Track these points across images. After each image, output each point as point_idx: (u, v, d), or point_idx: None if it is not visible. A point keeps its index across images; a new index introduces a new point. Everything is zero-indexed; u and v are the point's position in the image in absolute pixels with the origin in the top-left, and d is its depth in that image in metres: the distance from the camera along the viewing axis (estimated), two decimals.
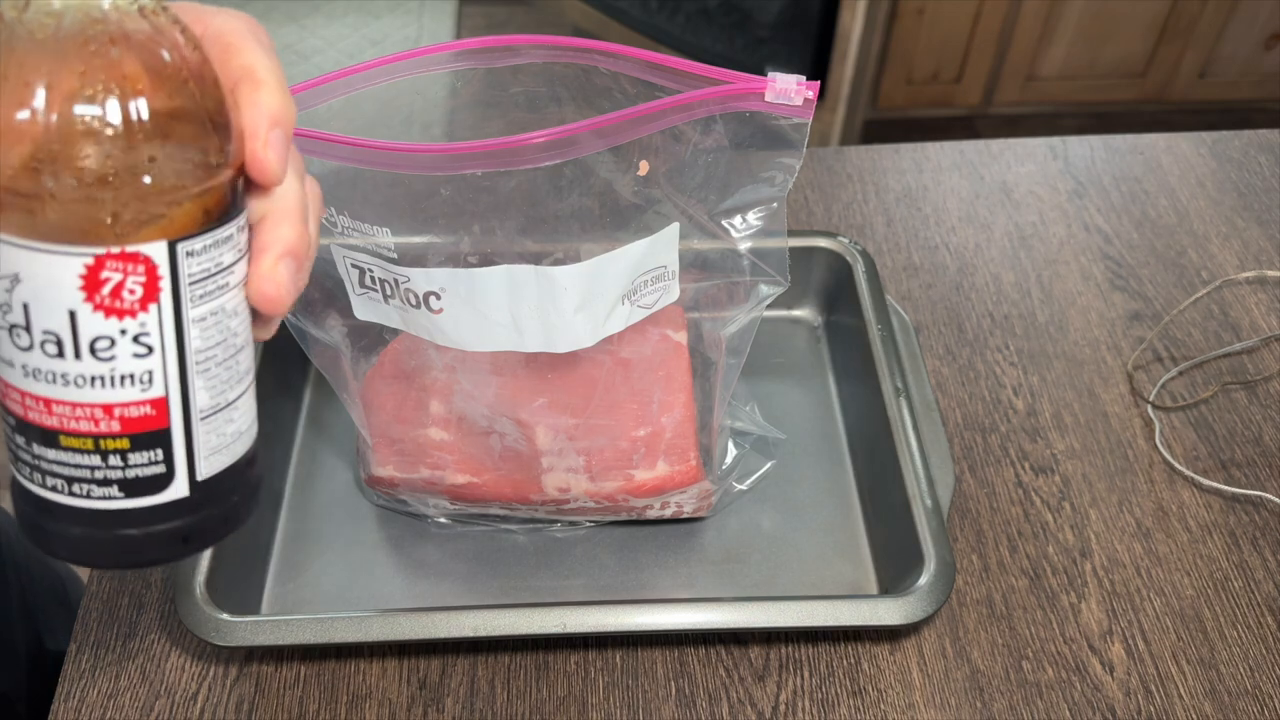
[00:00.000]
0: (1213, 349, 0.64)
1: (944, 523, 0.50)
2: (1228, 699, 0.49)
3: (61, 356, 0.25)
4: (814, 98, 0.40)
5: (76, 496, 0.26)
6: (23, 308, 0.24)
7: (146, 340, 0.25)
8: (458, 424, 0.51)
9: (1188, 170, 0.76)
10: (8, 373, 0.26)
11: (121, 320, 0.25)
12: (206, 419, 0.27)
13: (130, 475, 0.26)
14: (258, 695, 0.49)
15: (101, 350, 0.25)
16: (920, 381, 0.59)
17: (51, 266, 0.24)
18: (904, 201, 0.73)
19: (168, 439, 0.27)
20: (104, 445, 0.26)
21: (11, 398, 0.26)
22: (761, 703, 0.49)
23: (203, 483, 0.28)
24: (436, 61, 0.43)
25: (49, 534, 0.27)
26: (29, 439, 0.26)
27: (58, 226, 0.23)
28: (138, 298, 0.25)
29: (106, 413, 0.26)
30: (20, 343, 0.25)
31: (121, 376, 0.25)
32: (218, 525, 0.29)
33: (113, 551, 0.27)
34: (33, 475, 0.27)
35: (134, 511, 0.27)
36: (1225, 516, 0.56)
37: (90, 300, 0.24)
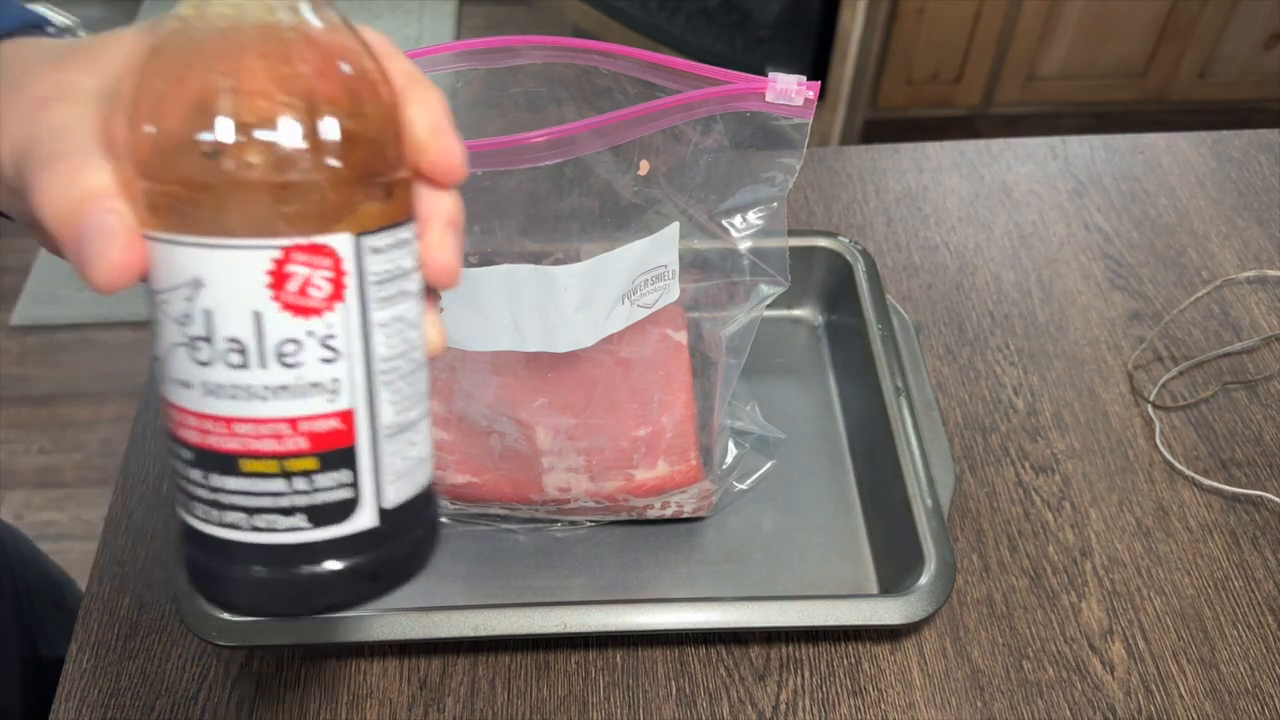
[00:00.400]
0: (1213, 348, 0.64)
1: (944, 522, 0.50)
2: (1228, 698, 0.49)
3: (246, 366, 0.23)
4: (814, 98, 0.40)
5: (259, 530, 0.24)
6: (204, 315, 0.23)
7: (333, 343, 0.24)
8: (458, 424, 0.51)
9: (1188, 170, 0.76)
10: (184, 397, 0.24)
11: (309, 319, 0.23)
12: (391, 437, 0.25)
13: (318, 500, 0.24)
14: (258, 695, 0.49)
15: (288, 355, 0.23)
16: (920, 381, 0.59)
17: (237, 263, 0.23)
18: (904, 201, 0.73)
19: (354, 458, 0.25)
20: (289, 467, 0.24)
21: (187, 425, 0.24)
22: (762, 702, 0.49)
23: (389, 512, 0.26)
24: (436, 62, 0.43)
25: (226, 580, 0.25)
26: (206, 470, 0.24)
27: (244, 219, 0.23)
28: (325, 294, 0.23)
29: (292, 428, 0.24)
30: (200, 357, 0.24)
31: (309, 384, 0.24)
32: (404, 562, 0.26)
33: (298, 593, 0.25)
34: (209, 513, 0.25)
35: (320, 544, 0.25)
36: (1225, 516, 0.56)
37: (278, 298, 0.23)
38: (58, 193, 0.23)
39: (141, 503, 0.56)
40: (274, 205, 0.23)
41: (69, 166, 0.23)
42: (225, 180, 0.22)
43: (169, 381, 0.25)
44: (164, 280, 0.23)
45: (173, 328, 0.24)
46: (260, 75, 0.23)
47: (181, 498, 0.26)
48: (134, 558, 0.54)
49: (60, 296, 1.57)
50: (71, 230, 0.23)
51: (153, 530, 0.55)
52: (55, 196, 0.23)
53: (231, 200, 0.22)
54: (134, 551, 0.54)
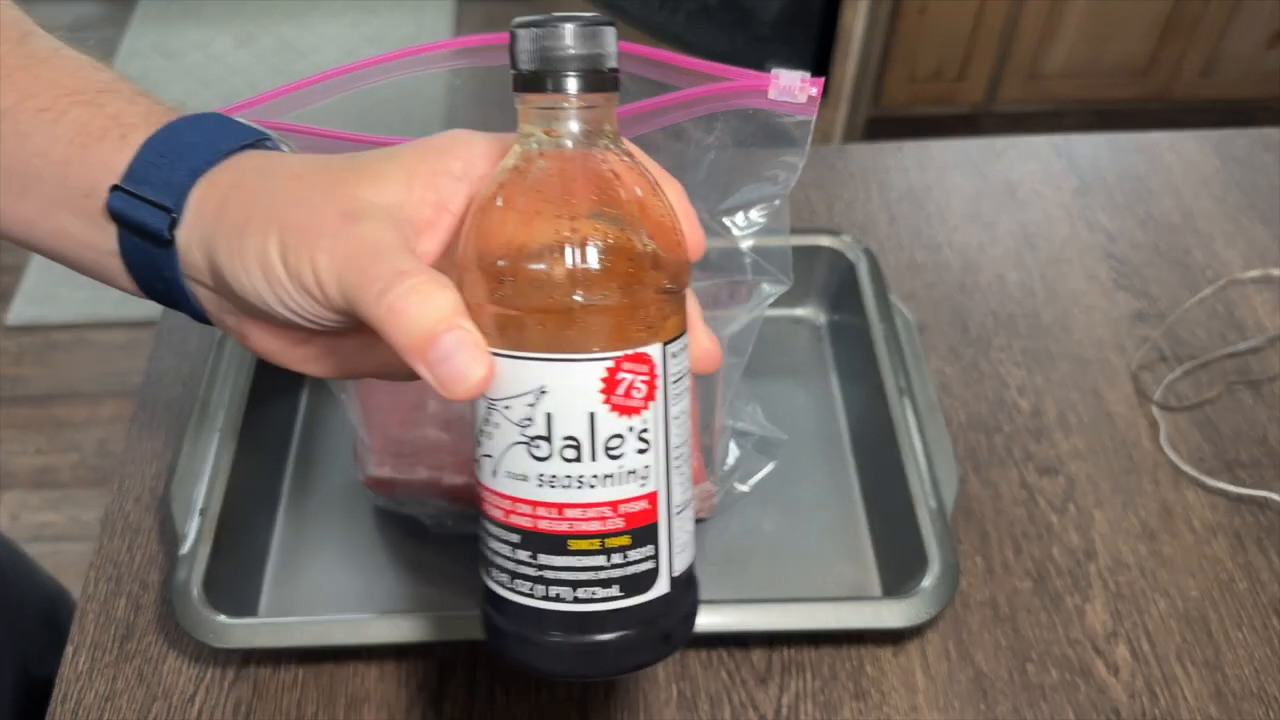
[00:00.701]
0: (1218, 349, 0.63)
1: (948, 524, 0.50)
2: (1233, 701, 0.48)
3: (579, 460, 0.27)
4: (818, 95, 0.39)
5: (580, 601, 0.28)
6: (545, 418, 0.27)
7: (646, 436, 0.28)
8: (456, 424, 0.51)
9: (1192, 169, 0.75)
10: (518, 488, 0.28)
11: (630, 418, 0.27)
12: (679, 514, 0.29)
13: (629, 572, 0.28)
14: (255, 698, 0.48)
15: (613, 448, 0.27)
16: (924, 382, 0.58)
17: (576, 374, 0.27)
18: (907, 200, 0.73)
19: (657, 534, 0.29)
20: (608, 544, 0.28)
21: (520, 511, 0.28)
22: (764, 706, 0.48)
23: (676, 579, 0.29)
24: (435, 60, 0.42)
25: (542, 646, 0.29)
26: (535, 550, 0.28)
27: (585, 337, 0.26)
28: (643, 396, 0.27)
29: (613, 510, 0.28)
30: (539, 453, 0.27)
31: (627, 473, 0.28)
32: (684, 623, 0.30)
33: (612, 656, 0.29)
34: (533, 589, 0.28)
35: (629, 610, 0.28)
36: (1231, 517, 0.55)
37: (608, 401, 0.27)
38: (418, 313, 0.26)
39: (138, 504, 0.56)
40: (612, 325, 0.27)
41: (421, 287, 0.26)
42: (573, 307, 0.26)
43: (501, 475, 0.28)
44: (506, 390, 0.27)
45: (512, 429, 0.27)
46: (595, 214, 0.26)
47: (498, 574, 0.29)
48: (130, 559, 0.53)
49: (56, 296, 1.57)
50: (431, 347, 0.26)
51: (149, 531, 0.54)
52: (415, 316, 0.26)
53: (578, 323, 0.26)
54: (130, 553, 0.53)
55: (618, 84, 0.28)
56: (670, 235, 0.28)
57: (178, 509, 0.51)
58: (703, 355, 0.31)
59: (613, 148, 0.28)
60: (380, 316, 0.26)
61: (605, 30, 0.27)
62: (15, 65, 0.30)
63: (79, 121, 0.30)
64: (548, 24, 0.26)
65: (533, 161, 0.27)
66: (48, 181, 0.30)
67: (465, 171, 0.30)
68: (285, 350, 0.32)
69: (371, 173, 0.29)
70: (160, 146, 0.30)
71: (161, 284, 0.31)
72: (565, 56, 0.26)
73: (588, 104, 0.27)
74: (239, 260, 0.28)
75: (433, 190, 0.29)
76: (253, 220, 0.28)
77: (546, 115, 0.27)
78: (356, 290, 0.27)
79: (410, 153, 0.30)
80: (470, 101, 0.44)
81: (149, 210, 0.29)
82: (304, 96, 0.41)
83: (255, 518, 0.54)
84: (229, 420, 0.53)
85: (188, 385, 0.61)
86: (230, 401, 0.54)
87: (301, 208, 0.28)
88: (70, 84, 0.31)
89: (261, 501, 0.55)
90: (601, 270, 0.26)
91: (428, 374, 0.26)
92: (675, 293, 0.28)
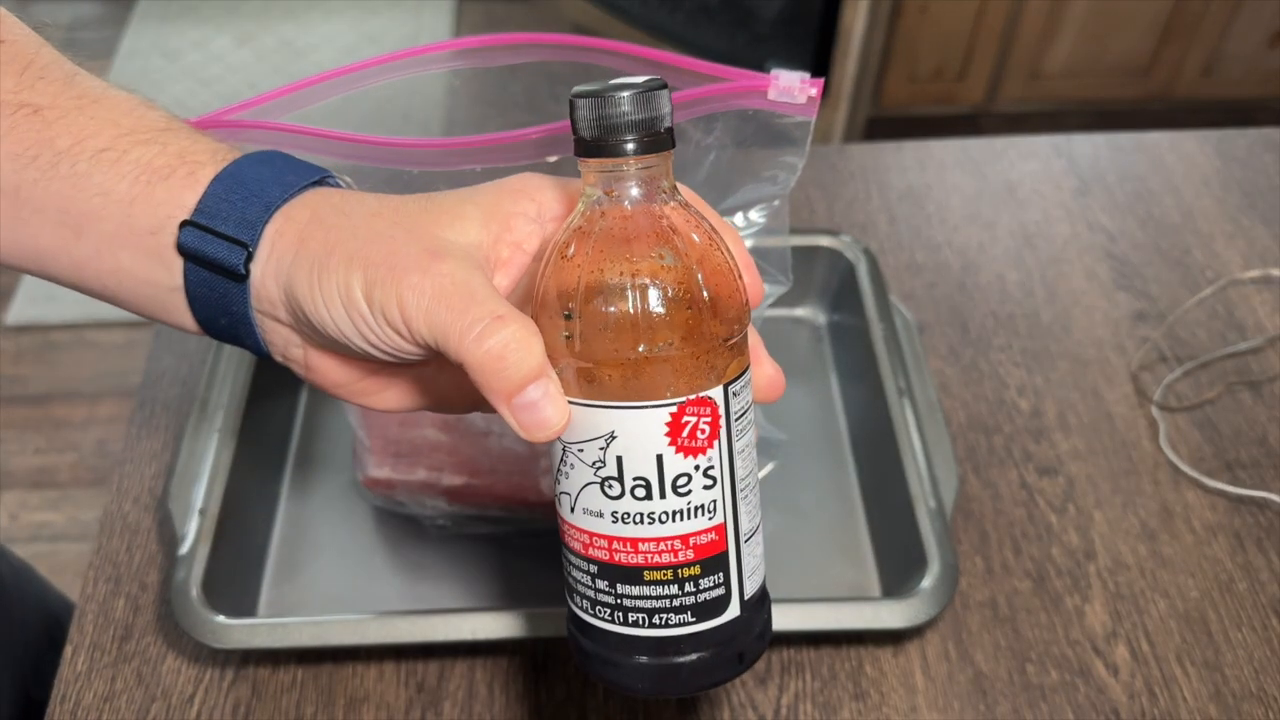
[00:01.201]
0: (1218, 349, 0.63)
1: (947, 524, 0.50)
2: (1232, 701, 0.48)
3: (649, 498, 0.29)
4: (818, 95, 0.39)
5: (655, 627, 0.30)
6: (616, 461, 0.29)
7: (712, 473, 0.29)
8: (455, 425, 0.51)
9: (1192, 169, 0.75)
10: (594, 524, 0.30)
11: (695, 458, 0.29)
12: (747, 541, 0.31)
13: (700, 600, 0.30)
14: (254, 698, 0.48)
15: (681, 487, 0.29)
16: (923, 382, 0.58)
17: (643, 420, 0.28)
18: (907, 200, 0.73)
19: (726, 562, 0.30)
20: (681, 574, 0.30)
21: (597, 545, 0.30)
22: (763, 706, 0.48)
23: (747, 602, 0.31)
24: (434, 60, 0.42)
25: (623, 668, 0.31)
26: (612, 581, 0.30)
27: (650, 386, 0.28)
28: (706, 436, 0.29)
29: (684, 543, 0.30)
30: (611, 493, 0.29)
31: (695, 508, 0.29)
32: (757, 642, 0.32)
33: (685, 676, 0.31)
34: (613, 615, 0.31)
35: (703, 634, 0.30)
36: (1230, 518, 0.55)
37: (674, 443, 0.28)
38: (517, 361, 0.27)
39: (137, 504, 0.55)
40: (676, 373, 0.28)
41: (520, 336, 0.28)
42: (638, 359, 0.28)
43: (579, 511, 0.30)
44: (580, 435, 0.29)
45: (586, 470, 0.29)
46: (656, 269, 0.28)
47: (581, 601, 0.31)
48: (129, 560, 0.53)
49: (55, 296, 1.57)
50: (519, 393, 0.28)
51: (148, 531, 0.54)
52: (514, 364, 0.27)
53: (644, 373, 0.28)
54: (129, 553, 0.53)
55: (673, 140, 0.29)
56: (729, 283, 0.29)
57: (176, 509, 0.51)
58: (767, 384, 0.32)
59: (671, 201, 0.29)
60: (477, 359, 0.27)
61: (659, 94, 0.28)
62: (68, 106, 0.31)
63: (142, 160, 0.30)
64: (605, 93, 0.28)
65: (597, 220, 0.29)
66: (109, 220, 0.30)
67: (539, 213, 0.31)
68: (350, 383, 0.33)
69: (451, 213, 0.30)
70: (230, 182, 0.30)
71: (226, 319, 0.31)
72: (622, 124, 0.28)
73: (645, 164, 0.28)
74: (320, 294, 0.29)
75: (509, 231, 0.31)
76: (334, 255, 0.29)
77: (607, 178, 0.29)
78: (447, 328, 0.28)
79: (487, 194, 0.31)
80: (469, 102, 0.44)
81: (224, 245, 0.29)
82: (304, 97, 0.41)
83: (254, 518, 0.54)
84: (228, 420, 0.53)
85: (186, 385, 0.61)
86: (229, 401, 0.54)
87: (384, 244, 0.29)
88: (128, 123, 0.31)
89: (261, 502, 0.55)
90: (664, 322, 0.28)
91: (511, 417, 0.28)
92: (737, 334, 0.29)
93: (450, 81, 0.38)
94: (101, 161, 0.30)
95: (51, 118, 0.30)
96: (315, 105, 0.41)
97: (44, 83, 0.31)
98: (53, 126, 0.30)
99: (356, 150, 0.40)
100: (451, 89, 0.39)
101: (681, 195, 0.30)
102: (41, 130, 0.30)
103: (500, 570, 0.53)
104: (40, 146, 0.30)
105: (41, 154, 0.30)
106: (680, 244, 0.28)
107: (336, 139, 0.40)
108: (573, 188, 0.32)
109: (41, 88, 0.31)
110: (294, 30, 2.09)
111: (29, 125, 0.30)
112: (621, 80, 0.28)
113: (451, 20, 2.08)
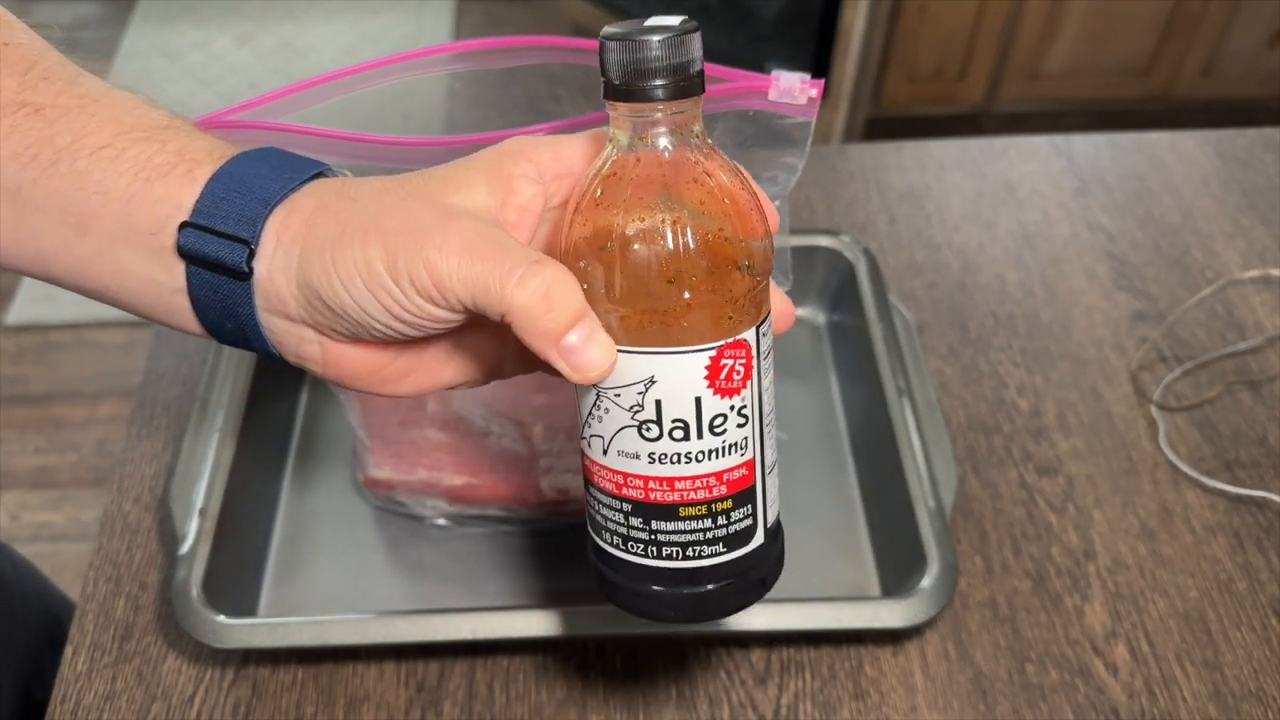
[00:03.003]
0: (1217, 349, 0.63)
1: (947, 524, 0.50)
2: (1232, 701, 0.48)
3: (687, 439, 0.29)
4: (818, 96, 0.39)
5: (690, 559, 0.31)
6: (655, 404, 0.29)
7: (745, 411, 0.30)
8: (455, 424, 0.51)
9: (1192, 168, 0.75)
10: (630, 465, 0.30)
11: (731, 398, 0.29)
12: (770, 473, 0.32)
13: (731, 530, 0.31)
14: (255, 698, 0.48)
15: (717, 426, 0.29)
16: (923, 382, 0.58)
17: (683, 365, 0.28)
18: (907, 200, 0.73)
19: (754, 495, 0.31)
20: (715, 509, 0.31)
21: (632, 485, 0.30)
22: (763, 706, 0.48)
23: (769, 530, 0.32)
24: (435, 63, 0.42)
25: (661, 599, 0.32)
26: (647, 518, 0.31)
27: (691, 331, 0.28)
28: (741, 377, 0.29)
29: (718, 479, 0.30)
30: (649, 435, 0.29)
31: (729, 446, 0.30)
32: (776, 567, 0.33)
33: (716, 602, 0.32)
34: (647, 550, 0.31)
35: (730, 563, 0.31)
36: (1230, 517, 0.55)
37: (712, 386, 0.29)
38: (563, 301, 0.27)
39: (137, 504, 0.56)
40: (713, 318, 0.28)
41: (563, 277, 0.27)
42: (685, 306, 0.28)
43: (614, 453, 0.30)
44: (618, 380, 0.29)
45: (622, 414, 0.29)
46: (691, 215, 0.28)
47: (612, 538, 0.32)
48: (129, 560, 0.53)
49: (55, 296, 1.57)
50: (566, 334, 0.27)
51: (148, 531, 0.54)
52: (562, 304, 0.27)
53: (682, 319, 0.28)
54: (129, 553, 0.53)
55: (703, 85, 0.28)
56: (761, 226, 0.29)
57: (177, 509, 0.51)
58: (779, 316, 0.32)
59: (700, 145, 0.29)
60: (523, 304, 0.27)
61: (690, 38, 0.27)
62: (70, 105, 0.30)
63: (141, 157, 0.30)
64: (635, 35, 0.27)
65: (630, 166, 0.28)
66: (108, 219, 0.30)
67: (539, 174, 0.31)
68: (374, 372, 0.32)
69: (456, 180, 0.30)
70: (228, 180, 0.30)
71: (231, 320, 0.31)
72: (653, 69, 0.27)
73: (678, 109, 0.28)
74: (337, 276, 0.28)
75: (512, 194, 0.30)
76: (346, 233, 0.28)
77: (640, 123, 0.28)
78: (487, 279, 0.27)
79: (486, 159, 0.30)
80: (470, 104, 0.44)
81: (224, 244, 0.29)
82: (305, 98, 0.41)
83: (255, 518, 0.54)
84: (228, 420, 0.53)
85: (187, 385, 0.61)
86: (230, 401, 0.54)
87: (397, 215, 0.28)
88: (128, 121, 0.30)
89: (261, 501, 0.55)
90: (703, 268, 0.28)
91: (560, 360, 0.28)
92: (768, 275, 0.30)
93: (451, 84, 0.38)
94: (101, 159, 0.30)
95: (53, 116, 0.30)
96: (316, 106, 0.41)
97: (47, 83, 0.31)
98: (54, 125, 0.30)
99: (357, 150, 0.40)
100: (452, 91, 0.38)
101: (709, 140, 0.29)
102: (43, 129, 0.30)
103: (500, 570, 0.53)
104: (41, 145, 0.30)
105: (42, 152, 0.30)
106: (715, 188, 0.28)
107: (337, 138, 0.40)
108: (567, 144, 0.31)
109: (44, 88, 0.30)
110: (294, 30, 2.09)
111: (30, 124, 0.30)
112: (653, 22, 0.28)
113: (451, 20, 2.08)
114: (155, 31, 2.07)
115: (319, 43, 2.06)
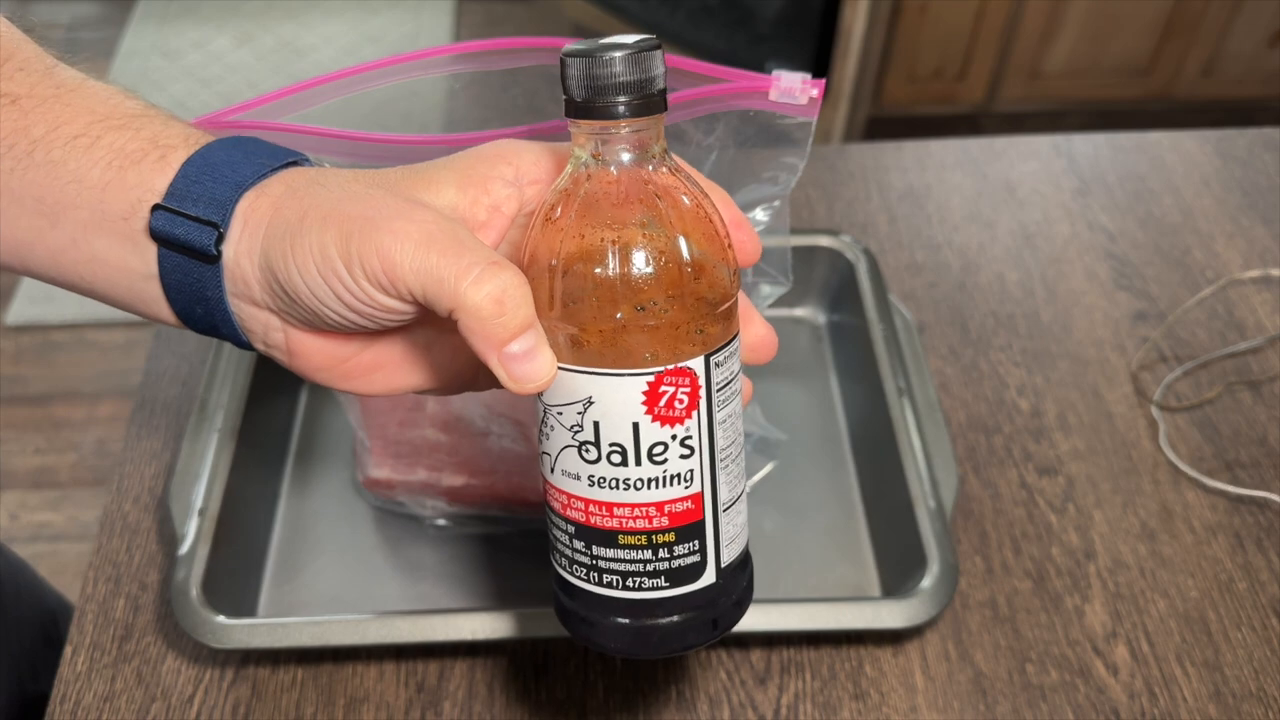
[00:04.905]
0: (1217, 349, 0.63)
1: (947, 524, 0.50)
2: (1232, 701, 0.48)
3: (625, 464, 0.29)
4: (819, 96, 0.39)
5: (629, 590, 0.30)
6: (593, 426, 0.28)
7: (690, 443, 0.29)
8: (455, 425, 0.51)
9: (1192, 168, 0.75)
10: (572, 486, 0.30)
11: (673, 427, 0.28)
12: (726, 510, 0.31)
13: (674, 565, 0.30)
14: (254, 698, 0.48)
15: (657, 455, 0.29)
16: (923, 382, 0.58)
17: (619, 387, 0.28)
18: (907, 200, 0.73)
19: (702, 530, 0.30)
20: (655, 540, 0.30)
21: (574, 507, 0.30)
22: (763, 706, 0.48)
23: (724, 569, 0.31)
24: (435, 64, 0.42)
25: (598, 627, 0.31)
26: (588, 542, 0.30)
27: (629, 353, 0.28)
28: (685, 406, 0.28)
29: (659, 510, 0.29)
30: (588, 457, 0.29)
31: (671, 476, 0.29)
32: (734, 610, 0.32)
33: (657, 639, 0.31)
34: (589, 575, 0.31)
35: (675, 599, 0.30)
36: (1230, 518, 0.55)
37: (650, 412, 0.28)
38: (515, 309, 0.27)
39: (136, 504, 0.55)
40: (655, 341, 0.28)
41: (520, 283, 0.27)
42: (620, 327, 0.27)
43: (558, 472, 0.30)
44: (559, 398, 0.29)
45: (564, 433, 0.29)
46: (642, 234, 0.27)
47: (560, 559, 0.32)
48: (129, 560, 0.53)
49: (55, 296, 1.57)
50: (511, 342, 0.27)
51: (148, 531, 0.54)
52: (513, 312, 0.27)
53: (622, 340, 0.28)
54: (129, 553, 0.53)
55: (665, 103, 0.28)
56: (716, 251, 0.28)
57: (176, 509, 0.51)
58: (757, 343, 0.32)
59: (662, 165, 0.28)
60: (475, 304, 0.27)
61: (652, 55, 0.27)
62: (46, 95, 0.30)
63: (115, 145, 0.30)
64: (596, 53, 0.27)
65: (583, 183, 0.28)
66: (83, 207, 0.30)
67: (517, 177, 0.31)
68: (335, 365, 0.32)
69: (427, 178, 0.30)
70: (201, 164, 0.30)
71: (202, 306, 0.30)
72: (613, 85, 0.27)
73: (636, 128, 0.28)
74: (294, 260, 0.28)
75: (486, 194, 0.30)
76: (308, 217, 0.28)
77: (596, 140, 0.28)
78: (441, 273, 0.27)
79: (463, 159, 0.30)
80: (469, 105, 0.44)
81: (194, 227, 0.29)
82: (304, 98, 0.41)
83: (254, 518, 0.54)
84: (228, 420, 0.53)
85: (186, 385, 0.61)
86: (229, 402, 0.54)
87: (360, 202, 0.28)
88: (103, 110, 0.31)
89: (260, 502, 0.55)
90: (642, 290, 0.27)
91: (500, 367, 0.27)
92: (721, 303, 0.29)
93: (450, 84, 0.38)
94: (75, 148, 0.30)
95: (28, 106, 0.30)
96: (316, 107, 0.41)
97: (23, 74, 0.31)
98: (29, 115, 0.30)
99: (357, 149, 0.40)
100: (452, 92, 0.38)
101: (673, 159, 0.29)
102: (19, 119, 0.30)
103: (501, 570, 0.53)
104: (17, 135, 0.30)
105: (18, 143, 0.30)
106: (665, 210, 0.28)
107: (336, 137, 0.40)
108: (552, 152, 0.31)
109: (20, 79, 0.30)
110: (294, 30, 2.08)
111: (6, 115, 0.30)
112: (614, 40, 0.28)
113: (451, 20, 2.08)
114: (155, 31, 2.07)
115: (319, 43, 2.06)
